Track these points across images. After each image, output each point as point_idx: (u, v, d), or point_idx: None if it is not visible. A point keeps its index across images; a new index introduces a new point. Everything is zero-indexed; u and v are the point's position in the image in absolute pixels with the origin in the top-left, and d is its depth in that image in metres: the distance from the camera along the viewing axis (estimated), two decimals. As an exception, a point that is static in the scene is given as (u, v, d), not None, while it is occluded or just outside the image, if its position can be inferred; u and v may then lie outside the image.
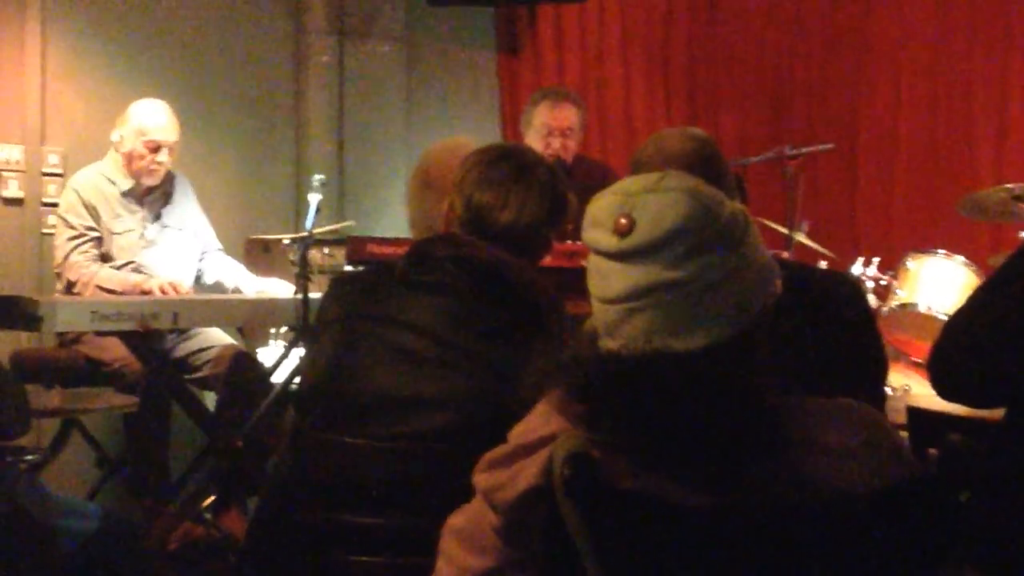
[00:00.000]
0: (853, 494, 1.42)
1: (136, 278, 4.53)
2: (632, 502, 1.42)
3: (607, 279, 1.45)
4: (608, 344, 1.46)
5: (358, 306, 2.36)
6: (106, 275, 4.52)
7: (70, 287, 4.53)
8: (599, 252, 1.46)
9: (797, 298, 2.22)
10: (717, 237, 1.44)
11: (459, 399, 2.16)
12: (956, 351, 2.19)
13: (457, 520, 1.67)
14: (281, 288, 4.64)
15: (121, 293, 4.44)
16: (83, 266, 4.51)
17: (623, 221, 1.43)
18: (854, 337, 2.35)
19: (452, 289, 2.24)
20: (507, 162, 2.39)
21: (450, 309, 2.23)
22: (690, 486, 1.41)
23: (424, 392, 2.18)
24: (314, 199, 4.25)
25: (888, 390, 3.37)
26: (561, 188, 2.43)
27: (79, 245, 4.55)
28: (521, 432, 1.58)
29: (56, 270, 4.64)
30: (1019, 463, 2.15)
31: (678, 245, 1.41)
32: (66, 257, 4.55)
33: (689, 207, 1.42)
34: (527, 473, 1.52)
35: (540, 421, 1.56)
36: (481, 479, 1.60)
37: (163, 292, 4.40)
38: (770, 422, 1.45)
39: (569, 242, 3.64)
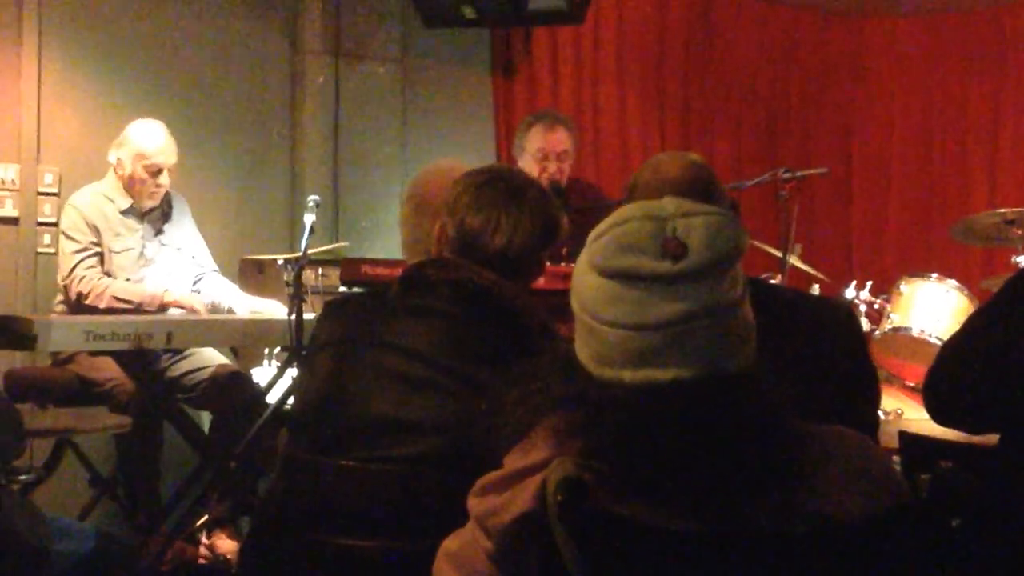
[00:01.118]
0: (844, 521, 1.42)
1: (154, 289, 4.55)
2: (626, 528, 1.42)
3: (648, 304, 1.40)
4: (647, 373, 1.41)
5: (351, 330, 2.36)
6: (121, 287, 4.53)
7: (80, 299, 4.50)
8: (642, 277, 1.41)
9: (790, 323, 2.23)
10: (740, 259, 1.45)
11: (451, 423, 2.15)
12: (951, 376, 2.20)
13: (451, 544, 1.66)
14: (274, 309, 4.63)
15: (139, 304, 4.47)
16: (93, 278, 4.51)
17: (673, 244, 1.41)
18: (847, 363, 2.36)
19: (445, 313, 2.24)
20: (498, 185, 2.39)
21: (443, 333, 2.23)
22: (684, 512, 1.41)
23: (416, 416, 2.18)
24: (309, 220, 4.24)
25: (880, 414, 3.37)
26: (553, 210, 2.42)
27: (85, 258, 4.55)
28: (515, 457, 1.57)
29: (63, 283, 4.59)
30: (1012, 489, 2.16)
31: (728, 265, 1.42)
32: (72, 269, 4.53)
33: (735, 229, 1.44)
34: (521, 498, 1.51)
35: (535, 447, 1.55)
36: (475, 504, 1.60)
37: (189, 308, 4.49)
38: (786, 448, 1.45)
39: (563, 264, 3.64)
